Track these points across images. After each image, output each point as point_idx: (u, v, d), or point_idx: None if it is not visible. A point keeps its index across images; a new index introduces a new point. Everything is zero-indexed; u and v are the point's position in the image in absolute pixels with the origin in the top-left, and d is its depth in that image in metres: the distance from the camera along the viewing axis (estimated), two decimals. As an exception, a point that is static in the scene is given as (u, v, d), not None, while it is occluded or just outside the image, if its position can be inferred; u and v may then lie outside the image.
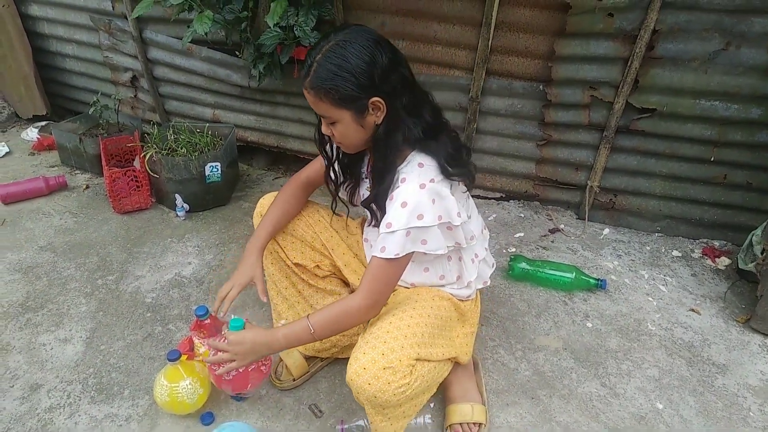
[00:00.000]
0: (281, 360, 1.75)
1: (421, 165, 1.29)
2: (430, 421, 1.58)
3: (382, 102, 1.23)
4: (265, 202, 1.67)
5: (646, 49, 2.11)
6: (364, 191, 1.52)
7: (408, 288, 1.54)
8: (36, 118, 3.54)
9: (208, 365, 1.52)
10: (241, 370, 1.49)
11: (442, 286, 1.52)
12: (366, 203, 1.40)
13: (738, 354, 1.90)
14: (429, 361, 1.33)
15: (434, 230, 1.29)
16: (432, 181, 1.26)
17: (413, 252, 1.30)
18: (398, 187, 1.27)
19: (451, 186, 1.31)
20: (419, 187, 1.25)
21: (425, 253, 1.32)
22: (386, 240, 1.27)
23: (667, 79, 2.17)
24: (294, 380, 1.72)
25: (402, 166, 1.31)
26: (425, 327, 1.36)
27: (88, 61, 3.27)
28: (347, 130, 1.27)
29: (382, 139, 1.28)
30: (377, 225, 1.35)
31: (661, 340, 1.95)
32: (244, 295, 2.11)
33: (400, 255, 1.27)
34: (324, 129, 1.32)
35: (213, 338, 1.48)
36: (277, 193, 1.65)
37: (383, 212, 1.32)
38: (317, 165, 1.63)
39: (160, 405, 1.58)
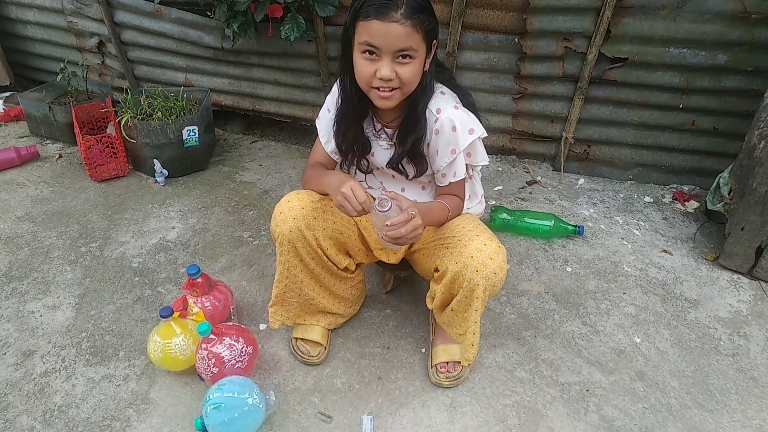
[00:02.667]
0: (297, 340, 1.70)
1: (443, 93, 1.41)
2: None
3: (436, 46, 1.32)
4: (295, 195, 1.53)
5: (618, -2, 2.16)
6: (382, 151, 1.51)
7: None
8: (-1, 89, 3.43)
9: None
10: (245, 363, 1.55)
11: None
12: (398, 159, 1.44)
13: (708, 289, 2.01)
14: None
15: (479, 142, 1.43)
16: (458, 103, 1.39)
17: None
18: (437, 118, 1.37)
19: None
20: (455, 109, 1.36)
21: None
22: (455, 165, 1.42)
23: (638, 27, 2.22)
24: (325, 348, 1.71)
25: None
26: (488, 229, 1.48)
27: (50, 28, 3.16)
28: (417, 68, 1.28)
29: (428, 84, 1.35)
30: (415, 175, 1.47)
31: (636, 280, 2.05)
32: (232, 257, 2.14)
33: (464, 174, 1.45)
34: (387, 70, 1.24)
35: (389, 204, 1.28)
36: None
37: (420, 158, 1.42)
38: (320, 149, 1.60)
39: (155, 362, 1.61)
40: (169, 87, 2.82)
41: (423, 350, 1.74)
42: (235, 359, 1.53)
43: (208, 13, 2.57)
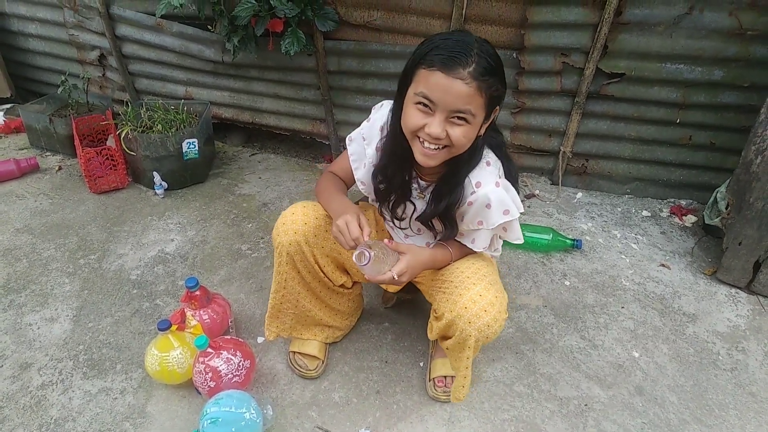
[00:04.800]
0: (295, 353, 1.70)
1: (488, 164, 1.33)
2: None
3: (497, 113, 1.26)
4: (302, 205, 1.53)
5: (614, 14, 2.17)
6: (412, 206, 1.46)
7: None
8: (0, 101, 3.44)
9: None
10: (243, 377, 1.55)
11: None
12: (430, 216, 1.39)
13: (706, 304, 2.01)
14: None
15: (516, 222, 1.38)
16: (500, 177, 1.32)
17: None
18: (474, 191, 1.30)
19: None
20: (495, 186, 1.29)
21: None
22: (477, 234, 1.39)
23: (635, 43, 2.24)
24: (323, 362, 1.71)
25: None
26: (495, 272, 1.46)
27: (52, 40, 3.18)
28: (471, 132, 1.19)
29: (477, 151, 1.29)
30: (443, 237, 1.44)
31: (634, 294, 2.05)
32: (231, 270, 2.13)
33: (486, 247, 1.41)
34: (438, 129, 1.16)
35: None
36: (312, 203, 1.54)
37: (452, 223, 1.38)
38: (346, 164, 1.51)
39: (152, 375, 1.60)
40: (170, 100, 2.83)
41: (421, 364, 1.74)
42: (232, 373, 1.52)
43: (208, 27, 2.59)
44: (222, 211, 2.52)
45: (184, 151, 2.53)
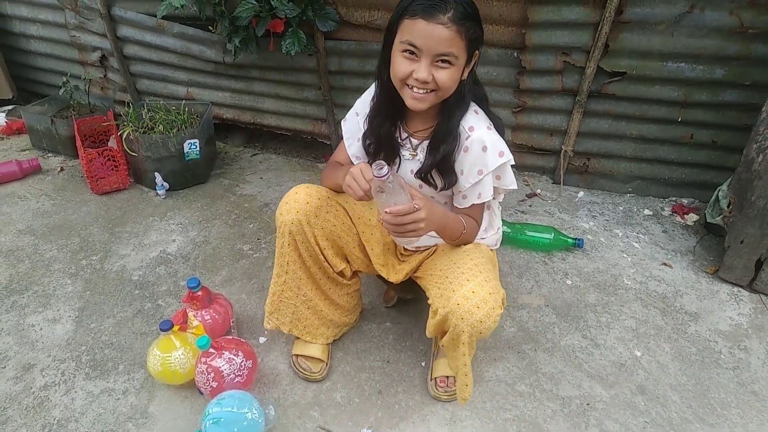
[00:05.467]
0: (298, 356, 1.70)
1: (476, 112, 1.38)
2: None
3: (478, 56, 1.30)
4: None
5: (615, 13, 2.17)
6: (403, 162, 1.47)
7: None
8: (1, 103, 3.44)
9: (385, 210, 1.22)
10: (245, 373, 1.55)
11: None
12: (428, 169, 1.40)
13: (708, 302, 2.01)
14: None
15: (509, 165, 1.40)
16: (490, 125, 1.37)
17: None
18: (469, 136, 1.35)
19: None
20: (488, 129, 1.35)
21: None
22: (481, 186, 1.38)
23: (636, 42, 2.24)
24: (327, 364, 1.71)
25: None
26: (494, 269, 1.45)
27: (53, 42, 3.18)
28: (455, 75, 1.26)
29: (465, 95, 1.34)
30: (443, 187, 1.42)
31: (636, 293, 2.05)
32: (233, 270, 2.14)
33: (492, 195, 1.41)
34: (425, 73, 1.22)
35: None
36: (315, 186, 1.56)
37: (450, 171, 1.38)
38: (343, 150, 1.58)
39: (154, 375, 1.61)
40: (171, 101, 2.84)
41: (423, 364, 1.74)
42: (234, 373, 1.53)
43: (209, 27, 2.59)
44: (223, 211, 2.52)
45: (185, 151, 2.54)
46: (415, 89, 1.27)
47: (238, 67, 2.80)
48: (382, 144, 1.45)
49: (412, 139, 1.45)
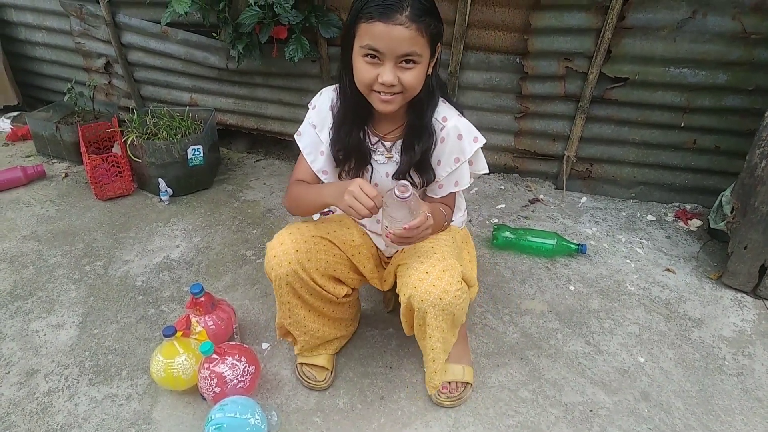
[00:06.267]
0: (303, 365, 1.69)
1: (444, 101, 1.40)
2: None
3: (440, 50, 1.30)
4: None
5: (618, 19, 2.17)
6: (378, 166, 1.46)
7: None
8: (6, 109, 3.47)
9: (404, 227, 1.20)
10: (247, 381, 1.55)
11: None
12: (406, 169, 1.39)
13: (712, 308, 2.00)
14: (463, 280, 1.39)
15: (480, 151, 1.42)
16: (458, 110, 1.39)
17: None
18: (444, 126, 1.37)
19: None
20: (459, 117, 1.37)
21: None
22: (459, 174, 1.41)
23: (638, 48, 2.24)
24: (331, 373, 1.69)
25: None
26: (452, 248, 1.46)
27: (59, 48, 3.21)
28: (421, 73, 1.24)
29: (434, 89, 1.34)
30: (422, 186, 1.43)
31: (639, 299, 2.04)
32: (236, 276, 2.14)
33: (469, 181, 1.44)
34: (390, 76, 1.20)
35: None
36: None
37: (428, 168, 1.39)
38: (305, 167, 1.51)
39: (157, 381, 1.61)
40: (175, 107, 2.85)
41: (425, 370, 1.74)
42: (237, 379, 1.53)
43: (213, 34, 2.61)
44: (227, 217, 2.53)
45: (189, 157, 2.55)
46: (382, 93, 1.25)
47: (242, 74, 2.81)
48: (351, 152, 1.43)
49: (384, 142, 1.44)
